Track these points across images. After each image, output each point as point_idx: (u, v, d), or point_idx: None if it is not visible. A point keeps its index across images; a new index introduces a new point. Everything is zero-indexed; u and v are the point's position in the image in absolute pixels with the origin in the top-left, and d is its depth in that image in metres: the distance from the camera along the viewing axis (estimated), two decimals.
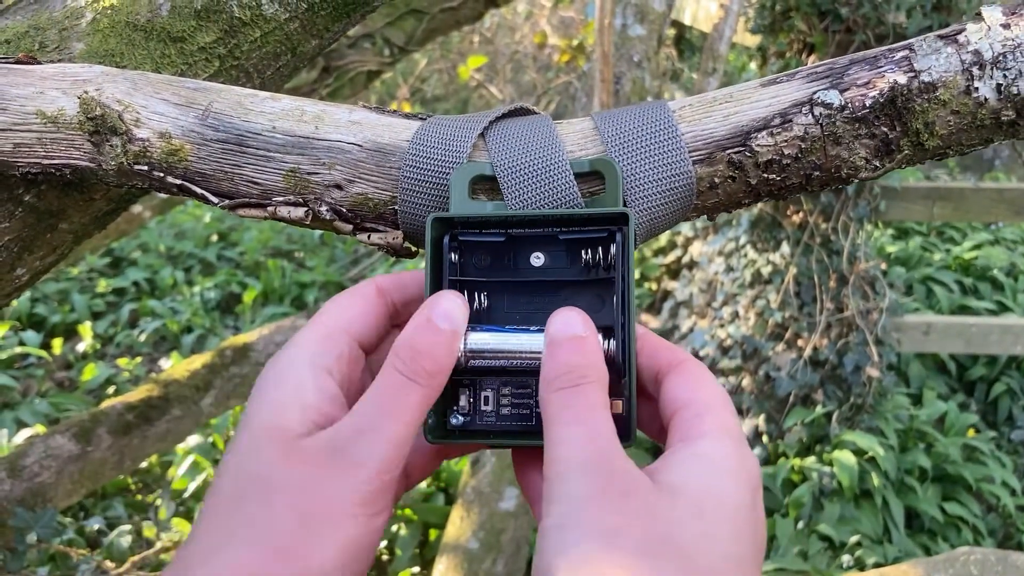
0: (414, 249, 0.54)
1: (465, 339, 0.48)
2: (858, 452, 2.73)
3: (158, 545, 2.61)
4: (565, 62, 4.28)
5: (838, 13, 2.72)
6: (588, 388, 0.42)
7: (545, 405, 0.43)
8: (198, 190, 0.55)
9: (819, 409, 2.83)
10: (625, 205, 0.49)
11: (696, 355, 3.25)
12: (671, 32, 4.03)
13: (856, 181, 0.47)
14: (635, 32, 2.24)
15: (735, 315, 3.12)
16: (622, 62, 2.19)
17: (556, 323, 0.45)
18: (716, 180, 0.49)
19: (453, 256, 0.50)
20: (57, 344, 3.73)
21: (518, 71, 5.32)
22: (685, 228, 3.83)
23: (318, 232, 4.85)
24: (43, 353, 3.60)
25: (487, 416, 0.50)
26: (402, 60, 3.03)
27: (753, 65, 3.56)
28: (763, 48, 2.93)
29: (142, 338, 3.83)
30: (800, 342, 2.91)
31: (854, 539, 2.56)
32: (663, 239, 4.02)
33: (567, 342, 0.44)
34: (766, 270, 3.00)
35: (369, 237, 0.54)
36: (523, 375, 0.50)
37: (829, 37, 2.71)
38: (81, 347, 3.75)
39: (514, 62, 5.36)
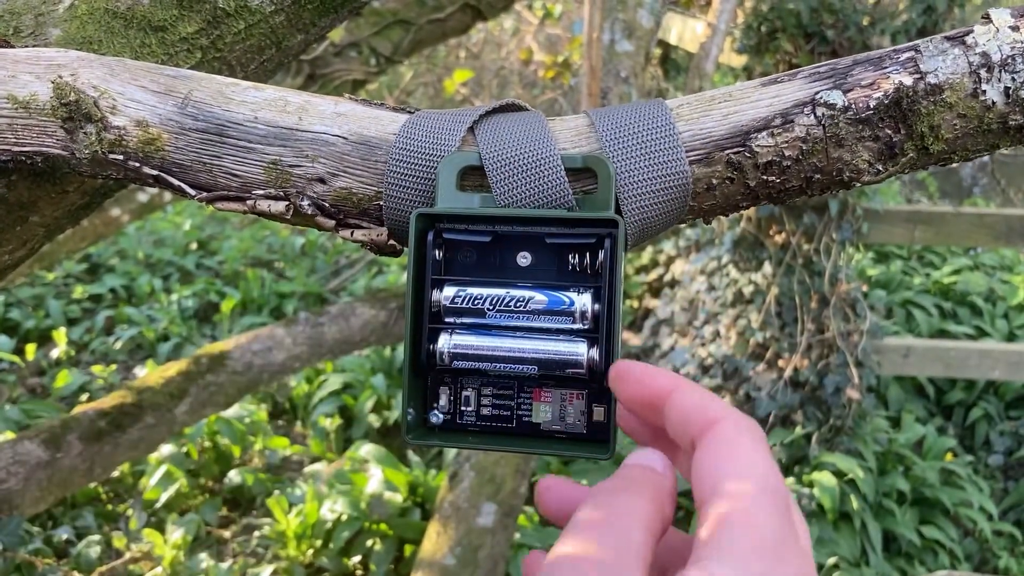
0: (399, 247, 0.52)
1: (450, 341, 0.47)
2: (837, 474, 2.72)
3: (127, 556, 2.56)
4: (551, 78, 4.28)
5: (824, 35, 2.73)
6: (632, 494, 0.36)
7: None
8: (175, 182, 0.53)
9: (799, 430, 2.82)
10: (618, 204, 0.47)
11: (676, 373, 3.23)
12: (657, 51, 4.04)
13: (858, 185, 0.46)
14: (623, 48, 2.24)
15: (716, 334, 3.11)
16: (609, 77, 2.18)
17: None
18: (714, 181, 0.48)
19: (437, 253, 0.48)
20: (30, 350, 3.68)
21: (504, 86, 5.32)
22: (667, 246, 3.83)
23: (299, 242, 4.82)
24: (16, 359, 3.54)
25: (468, 416, 0.49)
26: (388, 71, 3.01)
27: None
28: (749, 68, 2.94)
29: (117, 345, 3.78)
30: (781, 362, 2.91)
31: (832, 561, 2.55)
32: (645, 257, 4.01)
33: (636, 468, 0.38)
34: (748, 290, 3.00)
35: (352, 234, 0.52)
36: (506, 377, 0.49)
37: (815, 59, 2.72)
38: (55, 353, 3.70)
39: (500, 77, 5.36)
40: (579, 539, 0.32)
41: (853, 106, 0.45)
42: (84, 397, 3.33)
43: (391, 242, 0.52)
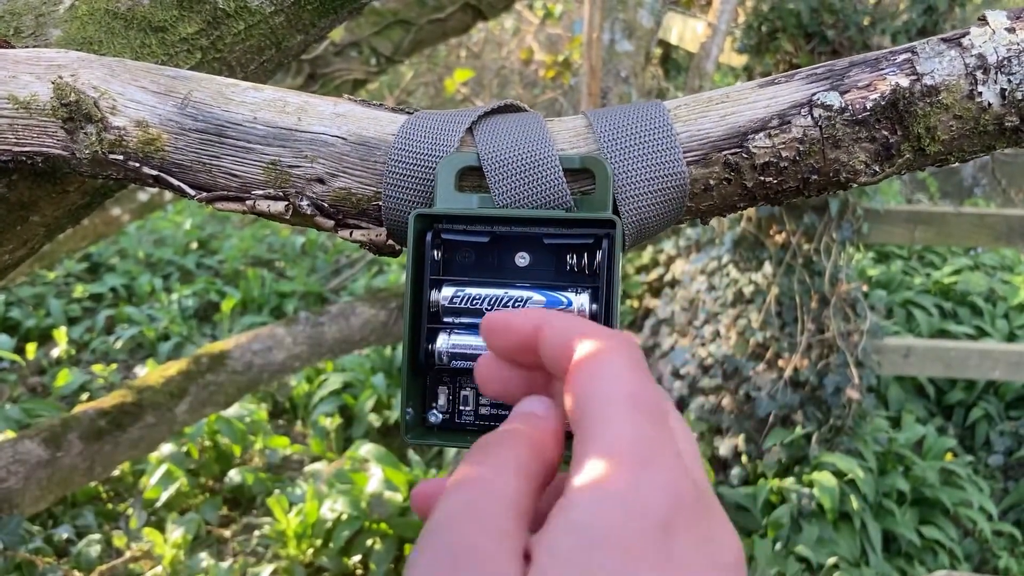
0: (397, 247, 0.52)
1: (448, 340, 0.48)
2: (837, 474, 2.73)
3: (127, 555, 2.56)
4: (551, 78, 4.28)
5: (824, 35, 2.73)
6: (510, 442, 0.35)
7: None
8: (175, 182, 0.54)
9: (799, 430, 2.82)
10: (616, 204, 0.48)
11: (677, 374, 3.24)
12: (658, 51, 4.04)
13: (854, 186, 0.46)
14: (623, 48, 2.24)
15: (716, 334, 3.11)
16: (609, 77, 2.18)
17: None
18: (711, 182, 0.48)
19: (436, 254, 0.48)
20: (31, 349, 3.68)
21: (504, 86, 5.32)
22: (668, 246, 3.83)
23: (299, 241, 4.83)
24: (16, 358, 3.54)
25: (466, 415, 0.49)
26: (388, 71, 3.02)
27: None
28: (749, 68, 2.94)
29: (118, 345, 3.78)
30: (781, 362, 2.91)
31: (831, 561, 2.55)
32: (646, 256, 4.01)
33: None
34: (748, 290, 3.00)
35: (351, 234, 0.52)
36: None
37: (815, 59, 2.72)
38: (55, 352, 3.70)
39: (500, 77, 5.36)
40: (452, 492, 0.31)
41: (850, 107, 0.45)
42: (84, 396, 3.34)
43: (390, 242, 0.52)
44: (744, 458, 2.91)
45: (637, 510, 0.28)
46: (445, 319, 0.48)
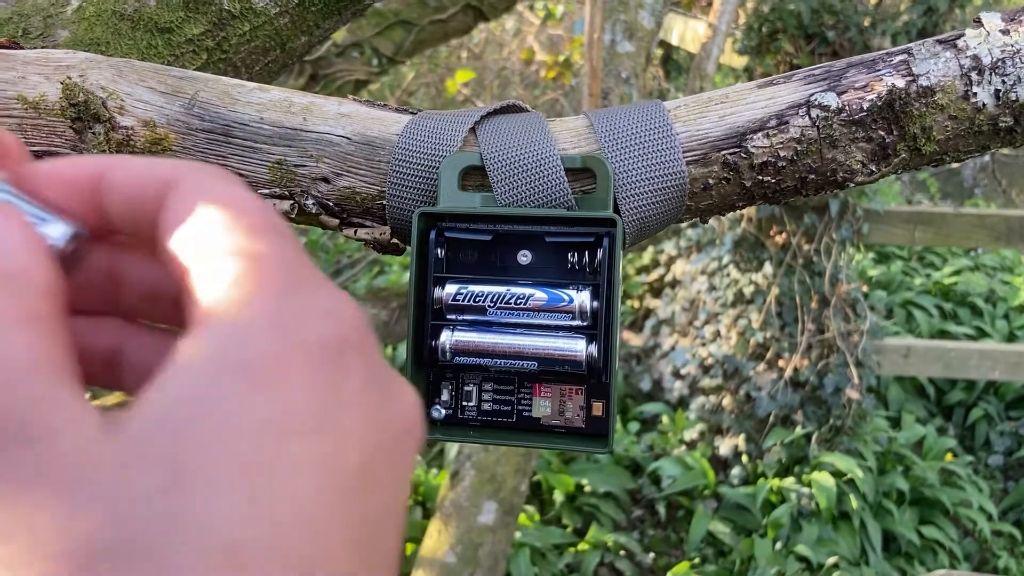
0: (401, 245, 0.53)
1: (451, 337, 0.49)
2: (837, 474, 2.73)
3: None
4: (552, 78, 4.29)
5: (825, 36, 2.74)
6: None
7: None
8: None
9: (799, 430, 2.83)
10: (616, 203, 0.48)
11: (677, 374, 3.24)
12: (658, 52, 4.05)
13: (852, 185, 0.47)
14: (624, 48, 2.24)
15: (717, 334, 3.12)
16: (610, 78, 2.19)
17: None
18: (710, 181, 0.49)
19: (439, 252, 0.49)
20: None
21: (506, 87, 5.33)
22: (669, 247, 3.84)
23: (302, 241, 4.83)
24: None
25: (469, 410, 0.50)
26: (390, 71, 3.02)
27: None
28: (750, 69, 2.95)
29: None
30: (781, 363, 2.91)
31: (831, 561, 2.56)
32: (646, 257, 4.02)
33: None
34: (748, 290, 3.01)
35: (356, 232, 0.53)
36: (506, 373, 0.50)
37: (815, 60, 2.73)
38: None
39: (501, 78, 5.37)
40: None
41: (847, 108, 0.46)
42: (86, 396, 3.34)
43: (394, 241, 0.53)
44: (744, 458, 2.92)
45: (295, 333, 0.22)
46: (448, 316, 0.49)
